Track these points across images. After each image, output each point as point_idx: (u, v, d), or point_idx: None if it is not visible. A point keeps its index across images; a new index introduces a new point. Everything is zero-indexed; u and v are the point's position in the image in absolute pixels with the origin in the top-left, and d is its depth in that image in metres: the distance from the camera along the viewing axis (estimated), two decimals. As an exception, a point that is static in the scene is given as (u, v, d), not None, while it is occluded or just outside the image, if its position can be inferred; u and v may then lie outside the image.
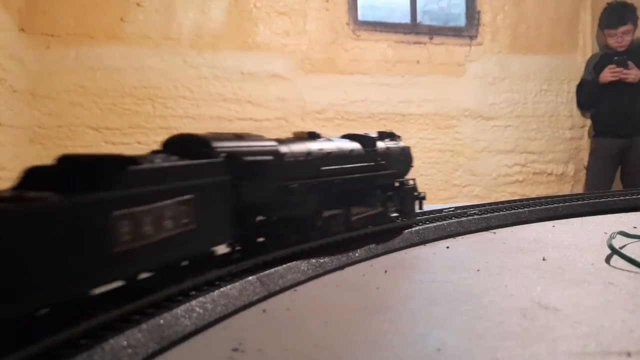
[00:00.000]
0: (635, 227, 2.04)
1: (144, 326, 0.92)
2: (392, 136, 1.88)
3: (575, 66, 4.71)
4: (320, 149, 1.50)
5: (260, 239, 1.32)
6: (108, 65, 3.57)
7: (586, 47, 4.76)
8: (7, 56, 3.11)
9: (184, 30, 3.74)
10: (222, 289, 1.13)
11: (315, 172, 1.44)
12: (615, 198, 2.69)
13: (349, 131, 1.82)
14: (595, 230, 2.04)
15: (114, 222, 0.82)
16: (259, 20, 3.91)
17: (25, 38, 3.37)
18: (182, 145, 1.15)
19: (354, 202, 1.61)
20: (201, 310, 1.04)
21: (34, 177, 0.83)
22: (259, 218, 1.31)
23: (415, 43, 4.32)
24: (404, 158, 1.87)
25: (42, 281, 0.71)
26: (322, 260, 1.46)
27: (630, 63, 3.95)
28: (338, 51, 4.11)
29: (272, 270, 1.30)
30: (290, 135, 1.58)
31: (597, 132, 4.35)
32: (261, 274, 1.26)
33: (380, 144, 1.77)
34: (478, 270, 1.44)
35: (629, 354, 0.84)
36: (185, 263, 1.05)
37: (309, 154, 1.44)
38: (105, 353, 0.82)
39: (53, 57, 3.46)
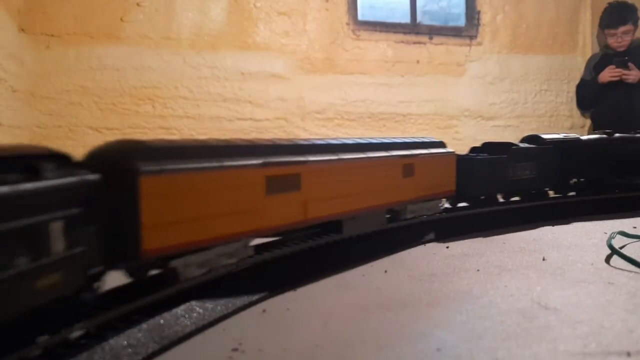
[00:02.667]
0: (635, 227, 2.04)
1: (144, 326, 0.92)
2: None
3: (575, 66, 4.70)
4: (610, 139, 2.61)
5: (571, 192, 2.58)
6: (108, 65, 3.56)
7: (586, 47, 4.75)
8: (7, 56, 3.10)
9: (183, 30, 3.73)
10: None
11: (605, 153, 2.54)
12: (615, 198, 2.69)
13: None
14: (595, 230, 2.04)
15: (509, 168, 2.17)
16: (259, 20, 3.91)
17: (25, 38, 3.36)
18: (532, 139, 2.44)
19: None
20: (201, 310, 1.04)
21: (473, 150, 2.33)
22: (573, 180, 2.57)
23: (415, 43, 4.32)
24: None
25: (481, 186, 2.16)
26: (322, 260, 1.46)
27: (630, 64, 3.94)
28: (338, 51, 4.11)
29: (272, 270, 1.30)
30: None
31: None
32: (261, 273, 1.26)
33: None
34: (478, 270, 1.44)
35: (629, 354, 0.84)
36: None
37: (599, 141, 2.57)
38: (105, 353, 0.82)
39: (53, 57, 3.46)
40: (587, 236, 1.91)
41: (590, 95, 4.30)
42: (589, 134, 2.56)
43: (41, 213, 0.72)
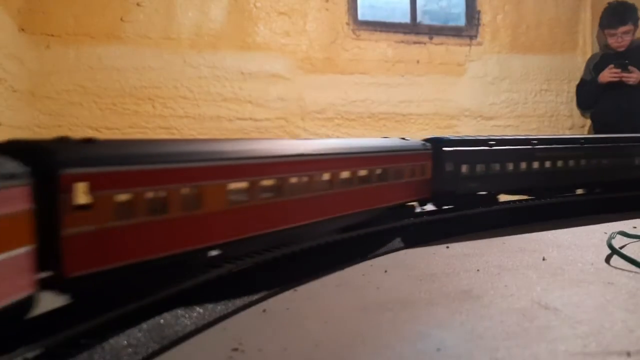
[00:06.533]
0: (635, 227, 2.04)
1: (144, 326, 0.92)
2: None
3: (575, 66, 4.71)
4: None
5: None
6: (108, 65, 3.56)
7: (586, 47, 4.75)
8: (7, 56, 3.10)
9: (184, 30, 3.73)
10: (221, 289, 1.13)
11: None
12: (615, 198, 2.69)
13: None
14: (595, 230, 2.04)
15: None
16: (259, 20, 3.91)
17: (25, 38, 3.36)
18: None
19: None
20: (201, 310, 1.04)
21: None
22: None
23: (415, 43, 4.32)
24: None
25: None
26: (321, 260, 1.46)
27: (631, 67, 3.94)
28: (338, 51, 4.11)
29: (272, 269, 1.30)
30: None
31: (597, 132, 4.34)
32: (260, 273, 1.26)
33: None
34: (478, 270, 1.44)
35: (629, 354, 0.84)
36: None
37: None
38: (105, 352, 0.82)
39: (53, 57, 3.46)
40: (587, 236, 1.91)
41: (590, 95, 4.29)
42: None
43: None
